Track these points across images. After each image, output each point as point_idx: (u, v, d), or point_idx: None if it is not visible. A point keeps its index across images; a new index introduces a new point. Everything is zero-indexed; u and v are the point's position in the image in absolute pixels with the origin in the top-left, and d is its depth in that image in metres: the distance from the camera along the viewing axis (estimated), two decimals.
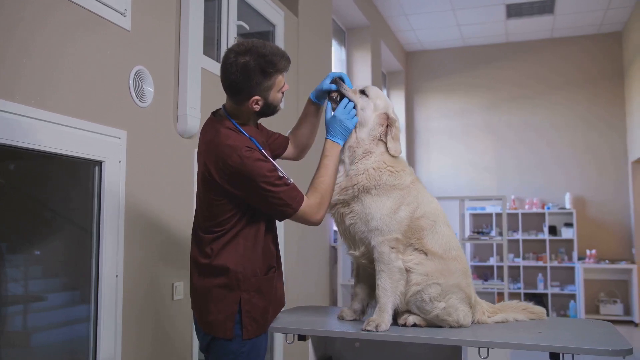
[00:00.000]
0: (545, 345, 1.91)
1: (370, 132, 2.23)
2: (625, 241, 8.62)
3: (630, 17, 8.20)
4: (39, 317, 2.56)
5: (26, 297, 2.49)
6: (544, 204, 8.95)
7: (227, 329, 2.09)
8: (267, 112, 2.18)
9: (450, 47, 9.54)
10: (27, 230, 2.51)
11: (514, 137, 9.19)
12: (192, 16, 3.23)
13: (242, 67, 2.03)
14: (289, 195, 2.07)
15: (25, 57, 2.24)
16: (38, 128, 2.27)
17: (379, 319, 2.12)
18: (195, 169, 3.33)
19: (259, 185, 2.01)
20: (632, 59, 8.21)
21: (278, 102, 2.18)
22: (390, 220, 2.13)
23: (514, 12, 8.06)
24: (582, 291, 8.35)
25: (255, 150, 2.06)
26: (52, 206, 2.65)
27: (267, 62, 2.05)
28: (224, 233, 2.10)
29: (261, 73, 2.05)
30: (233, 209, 2.09)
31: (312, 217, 2.14)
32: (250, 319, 2.10)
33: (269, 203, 2.07)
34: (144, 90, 2.91)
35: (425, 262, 2.14)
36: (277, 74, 2.10)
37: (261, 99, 2.11)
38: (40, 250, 2.59)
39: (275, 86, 2.11)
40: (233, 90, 2.11)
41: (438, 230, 2.19)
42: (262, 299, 2.14)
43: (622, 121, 8.75)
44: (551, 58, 9.10)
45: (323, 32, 5.65)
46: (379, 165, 2.18)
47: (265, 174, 2.02)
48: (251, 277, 2.10)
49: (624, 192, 8.65)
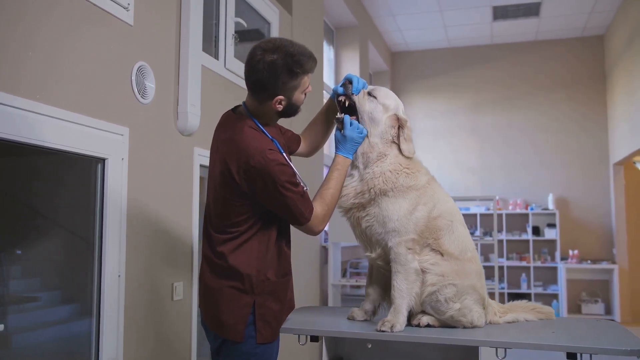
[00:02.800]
0: (564, 345, 1.91)
1: (383, 135, 2.22)
2: (607, 242, 8.76)
3: (612, 21, 8.33)
4: (38, 315, 2.49)
5: (27, 295, 2.42)
6: (528, 204, 9.05)
7: (238, 332, 2.05)
8: (289, 112, 2.14)
9: (436, 48, 9.59)
10: (27, 229, 2.44)
11: (498, 138, 9.28)
12: (192, 12, 3.18)
13: (269, 65, 1.98)
14: (303, 203, 2.05)
15: (30, 50, 2.17)
16: (42, 123, 2.19)
17: (394, 320, 2.10)
18: (196, 167, 3.30)
19: (278, 189, 1.98)
20: (614, 62, 8.35)
21: (300, 102, 2.14)
22: (407, 221, 2.12)
23: (500, 14, 8.13)
24: (565, 291, 8.46)
25: (277, 152, 2.03)
26: (53, 204, 2.58)
27: (294, 61, 2.00)
28: (238, 235, 2.06)
29: (288, 72, 2.00)
30: (249, 211, 2.05)
31: (316, 227, 2.12)
32: (264, 322, 2.07)
33: (285, 208, 2.03)
34: (145, 87, 2.84)
35: (441, 263, 2.13)
36: (304, 74, 2.06)
37: (285, 98, 2.06)
38: (41, 249, 2.52)
39: (300, 87, 2.08)
40: (258, 89, 2.05)
41: (455, 231, 2.18)
42: (277, 302, 2.11)
43: (604, 124, 8.89)
44: (535, 60, 9.21)
45: (315, 30, 5.63)
46: (395, 168, 2.17)
47: (286, 178, 1.99)
48: (265, 280, 2.07)
49: (605, 193, 8.79)
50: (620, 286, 8.34)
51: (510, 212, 8.98)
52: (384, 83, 9.56)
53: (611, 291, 8.58)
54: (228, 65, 3.72)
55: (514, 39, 9.15)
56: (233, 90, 3.80)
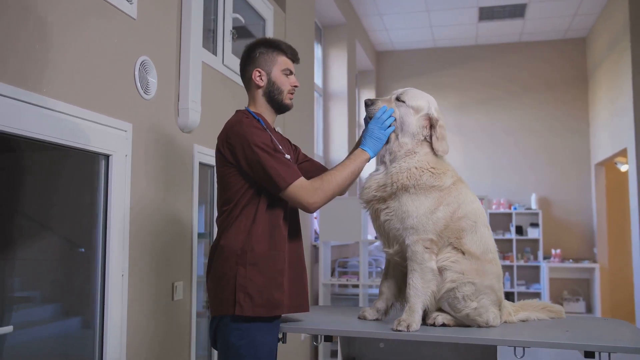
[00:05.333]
0: (583, 344, 1.91)
1: (414, 136, 2.20)
2: (588, 241, 8.89)
3: (594, 24, 8.45)
4: (41, 312, 2.41)
5: (29, 294, 2.35)
6: (511, 204, 9.13)
7: (221, 305, 2.07)
8: (273, 96, 2.24)
9: (421, 48, 9.62)
10: (27, 229, 2.37)
11: (482, 138, 9.35)
12: (193, 6, 3.12)
13: (248, 46, 2.28)
14: (283, 168, 2.05)
15: (38, 42, 2.10)
16: (46, 118, 2.12)
17: (410, 319, 2.08)
18: (196, 165, 3.24)
19: (253, 149, 2.04)
20: (596, 64, 8.47)
21: (284, 86, 2.24)
22: (426, 220, 2.10)
23: (486, 15, 8.18)
24: (547, 289, 8.57)
25: (254, 120, 2.14)
26: (54, 203, 2.50)
27: (271, 41, 2.27)
28: (229, 211, 2.12)
29: (264, 44, 2.24)
30: (237, 183, 2.11)
31: (304, 198, 2.06)
32: (244, 294, 2.03)
33: (262, 171, 2.05)
34: (148, 82, 2.78)
35: (462, 261, 2.12)
36: (280, 52, 2.25)
37: (264, 73, 2.22)
38: (40, 249, 2.45)
39: (277, 64, 2.24)
40: (242, 71, 2.29)
41: (478, 232, 2.17)
42: (260, 275, 2.05)
43: (586, 125, 9.02)
44: (519, 61, 9.29)
45: (307, 28, 5.60)
46: (422, 165, 2.15)
47: (261, 140, 2.06)
48: (249, 251, 2.06)
49: (587, 193, 8.91)
50: (601, 285, 8.46)
51: (493, 212, 9.05)
52: (369, 82, 9.57)
53: (592, 289, 8.71)
54: (226, 62, 3.66)
55: (499, 40, 9.22)
56: (231, 87, 3.74)
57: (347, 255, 7.13)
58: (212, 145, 3.37)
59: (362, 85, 9.54)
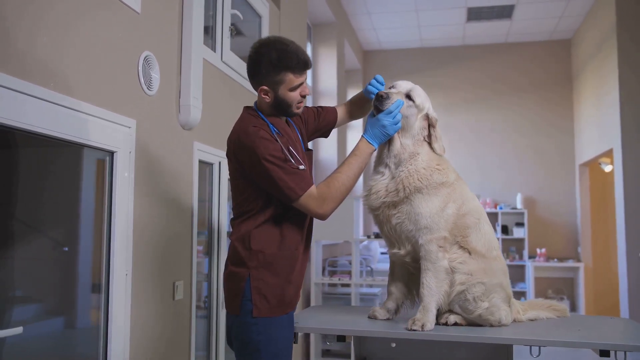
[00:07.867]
0: (598, 343, 1.92)
1: (415, 137, 2.20)
2: (572, 241, 8.99)
3: (580, 26, 8.55)
4: (45, 309, 2.36)
5: (27, 294, 2.29)
6: (497, 204, 9.20)
7: (236, 305, 2.05)
8: (281, 108, 2.12)
9: (408, 48, 9.64)
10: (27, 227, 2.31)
11: (468, 138, 9.40)
12: (195, 2, 3.07)
13: (255, 53, 2.07)
14: (293, 179, 2.00)
15: (45, 35, 2.04)
16: (50, 112, 2.06)
17: (424, 318, 2.08)
18: (195, 163, 3.19)
19: (261, 162, 1.98)
20: (582, 65, 8.57)
21: (291, 101, 2.11)
22: (438, 218, 2.10)
23: (474, 16, 8.23)
24: (532, 288, 8.65)
25: (262, 129, 2.02)
26: (55, 200, 2.44)
27: (278, 57, 2.03)
28: (241, 214, 2.10)
29: (269, 64, 2.03)
30: (248, 188, 2.08)
31: (314, 209, 2.06)
32: (260, 295, 2.02)
33: (271, 183, 2.01)
34: (151, 77, 2.73)
35: (469, 261, 2.13)
36: (287, 70, 2.04)
37: (270, 91, 2.08)
38: (41, 248, 2.39)
39: (285, 83, 2.06)
40: (249, 77, 2.14)
41: (481, 229, 2.18)
42: (274, 276, 2.05)
43: (571, 125, 9.12)
44: (506, 62, 9.36)
45: (300, 25, 5.57)
46: (429, 165, 2.16)
47: (269, 152, 1.98)
48: (259, 253, 2.04)
49: (571, 193, 9.01)
50: (585, 284, 8.57)
51: None
52: (357, 82, 9.55)
53: (576, 288, 8.81)
54: (225, 59, 3.62)
55: (485, 40, 9.28)
56: (229, 84, 3.70)
57: (335, 254, 7.12)
58: (211, 143, 3.34)
59: (349, 84, 9.53)
